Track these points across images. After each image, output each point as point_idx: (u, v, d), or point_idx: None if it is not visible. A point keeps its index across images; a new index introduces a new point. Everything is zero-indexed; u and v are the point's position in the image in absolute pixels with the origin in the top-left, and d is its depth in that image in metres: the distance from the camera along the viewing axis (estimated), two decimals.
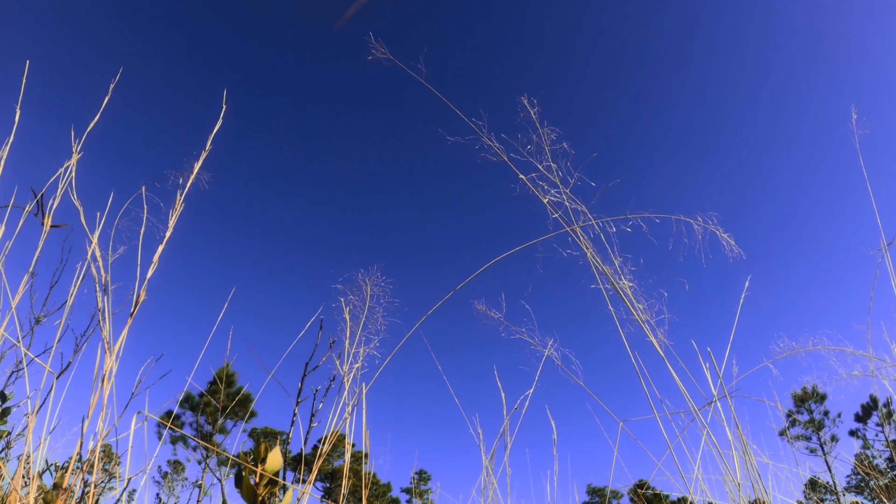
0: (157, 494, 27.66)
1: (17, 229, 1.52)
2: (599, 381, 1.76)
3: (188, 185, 1.60)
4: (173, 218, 1.54)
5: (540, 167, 1.86)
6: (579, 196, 1.83)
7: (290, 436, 2.07)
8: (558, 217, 1.79)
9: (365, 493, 1.76)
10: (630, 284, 1.71)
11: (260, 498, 1.18)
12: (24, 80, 1.60)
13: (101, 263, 1.49)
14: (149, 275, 1.47)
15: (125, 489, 1.62)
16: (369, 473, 1.88)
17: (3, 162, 1.51)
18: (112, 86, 1.70)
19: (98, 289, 1.46)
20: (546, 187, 1.84)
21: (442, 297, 1.81)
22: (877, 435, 21.56)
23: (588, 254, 1.73)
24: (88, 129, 1.64)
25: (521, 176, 1.83)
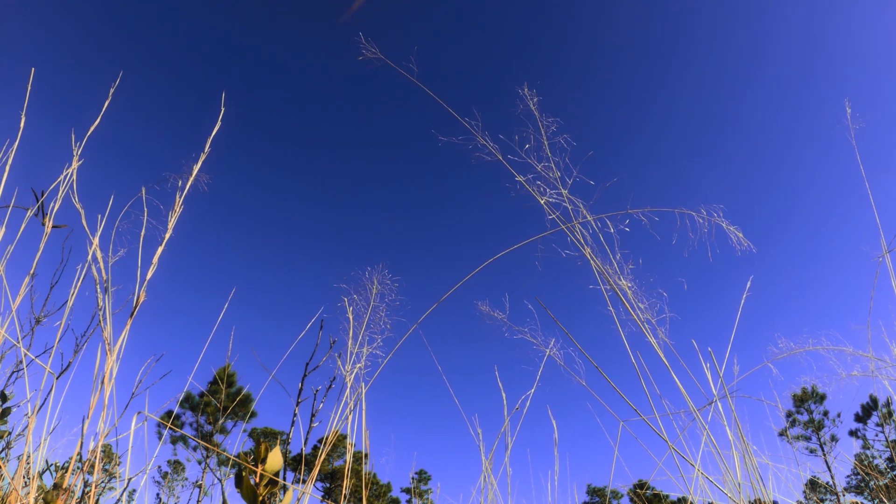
0: (157, 494, 27.66)
1: (20, 231, 1.52)
2: (600, 380, 1.75)
3: (187, 187, 1.60)
4: (172, 220, 1.55)
5: (538, 167, 1.85)
6: (578, 194, 1.81)
7: (291, 436, 2.07)
8: (556, 217, 1.78)
9: (365, 494, 1.76)
10: (629, 284, 1.70)
11: (260, 498, 1.19)
12: (28, 88, 1.60)
13: (101, 265, 1.49)
14: (149, 276, 1.47)
15: (125, 489, 1.63)
16: (369, 473, 1.88)
17: (8, 167, 1.51)
18: (112, 90, 1.70)
19: (99, 289, 1.46)
20: (544, 188, 1.83)
21: (444, 294, 1.81)
22: (877, 435, 21.55)
23: (586, 253, 1.72)
24: (89, 132, 1.64)
25: (519, 177, 1.82)
